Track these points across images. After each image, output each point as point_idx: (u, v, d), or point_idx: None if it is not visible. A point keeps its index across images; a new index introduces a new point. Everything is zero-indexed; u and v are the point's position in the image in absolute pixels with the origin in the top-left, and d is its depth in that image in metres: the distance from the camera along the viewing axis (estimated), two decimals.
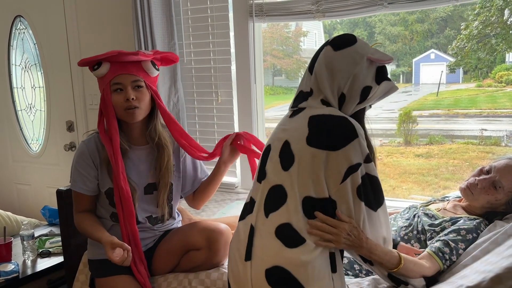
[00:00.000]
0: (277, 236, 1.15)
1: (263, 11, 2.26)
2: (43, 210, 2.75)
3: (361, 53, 1.21)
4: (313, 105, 1.22)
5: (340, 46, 1.21)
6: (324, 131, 1.14)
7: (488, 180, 1.49)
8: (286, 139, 1.20)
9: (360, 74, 1.20)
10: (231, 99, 2.48)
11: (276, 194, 1.18)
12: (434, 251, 1.38)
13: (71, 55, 2.93)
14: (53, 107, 3.13)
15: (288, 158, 1.17)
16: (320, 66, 1.22)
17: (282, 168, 1.18)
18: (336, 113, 1.18)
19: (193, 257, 1.62)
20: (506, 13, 5.87)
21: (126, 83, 1.55)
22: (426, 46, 9.16)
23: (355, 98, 1.22)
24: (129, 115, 1.57)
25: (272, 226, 1.16)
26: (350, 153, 1.12)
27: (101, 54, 1.56)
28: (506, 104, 7.76)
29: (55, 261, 2.20)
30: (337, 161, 1.12)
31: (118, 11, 2.68)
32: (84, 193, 1.62)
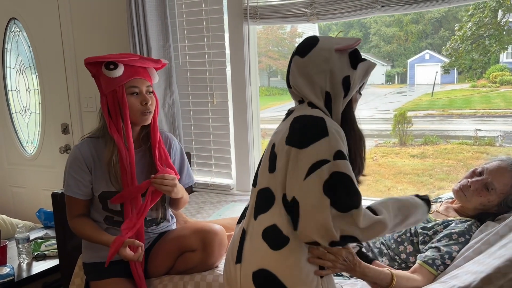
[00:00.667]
0: (264, 238, 1.15)
1: (258, 14, 2.27)
2: (38, 213, 2.75)
3: (328, 48, 1.20)
4: (301, 108, 1.23)
5: (305, 51, 1.22)
6: (298, 130, 1.15)
7: (481, 182, 1.50)
8: (273, 142, 1.21)
9: (335, 67, 1.19)
10: (226, 101, 2.49)
11: (264, 196, 1.19)
12: (425, 260, 1.41)
13: (66, 57, 2.93)
14: (48, 110, 3.13)
15: (273, 160, 1.18)
16: (294, 77, 1.23)
17: (268, 171, 1.19)
18: (316, 113, 1.17)
19: (188, 259, 1.63)
20: (499, 14, 5.92)
21: (142, 88, 1.59)
22: (421, 46, 9.22)
23: (340, 92, 1.20)
24: (143, 119, 1.60)
25: (260, 228, 1.16)
26: (315, 151, 1.09)
27: (115, 55, 1.57)
28: (500, 105, 7.81)
29: (50, 264, 2.20)
30: (303, 158, 1.10)
31: (113, 13, 2.69)
32: (79, 197, 1.62)
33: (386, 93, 9.36)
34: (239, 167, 2.50)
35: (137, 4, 2.37)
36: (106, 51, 2.70)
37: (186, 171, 1.81)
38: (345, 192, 1.07)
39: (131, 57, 1.58)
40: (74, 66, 2.91)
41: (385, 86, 9.72)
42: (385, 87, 9.67)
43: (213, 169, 2.60)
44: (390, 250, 1.56)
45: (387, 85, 9.83)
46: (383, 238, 1.59)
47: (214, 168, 2.60)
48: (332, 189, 1.06)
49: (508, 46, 6.79)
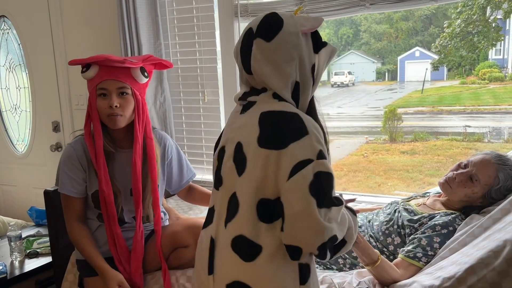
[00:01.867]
0: (233, 249, 1.05)
1: (248, 11, 2.29)
2: (30, 211, 2.74)
3: (295, 32, 1.07)
4: (264, 100, 1.08)
5: (271, 35, 1.06)
6: (274, 130, 1.03)
7: (465, 173, 1.55)
8: (238, 141, 1.08)
9: (304, 53, 1.08)
10: (218, 98, 2.51)
11: (232, 202, 1.08)
12: (406, 255, 1.45)
13: (56, 55, 2.93)
14: (39, 108, 3.12)
15: (241, 162, 1.06)
16: (259, 64, 1.07)
17: (237, 174, 1.07)
18: (288, 108, 1.05)
19: (181, 254, 1.65)
20: (487, 11, 5.98)
21: (111, 89, 1.56)
22: (411, 44, 9.27)
23: (309, 81, 1.10)
24: (111, 122, 1.58)
25: (229, 237, 1.06)
26: (298, 150, 1.00)
27: (92, 57, 1.56)
28: (489, 101, 7.90)
29: (43, 261, 2.20)
30: (286, 158, 1.00)
31: (103, 11, 2.69)
32: (74, 195, 1.63)
33: (376, 90, 9.41)
34: None
35: (128, 1, 2.37)
36: (97, 48, 2.71)
37: (186, 167, 1.84)
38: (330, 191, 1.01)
39: (99, 57, 1.55)
40: (65, 64, 2.90)
41: (376, 83, 9.77)
42: (376, 84, 9.72)
43: (204, 166, 2.61)
44: (378, 242, 1.59)
45: (378, 82, 9.88)
46: (371, 231, 1.62)
47: (206, 165, 2.62)
48: (317, 189, 0.98)
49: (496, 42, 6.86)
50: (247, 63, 1.10)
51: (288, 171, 0.99)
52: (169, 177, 1.80)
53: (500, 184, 1.50)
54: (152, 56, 1.69)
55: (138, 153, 1.61)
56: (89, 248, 1.61)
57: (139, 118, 1.61)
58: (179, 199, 2.37)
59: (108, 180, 1.59)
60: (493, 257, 1.17)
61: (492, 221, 1.32)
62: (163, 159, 1.75)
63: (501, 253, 1.16)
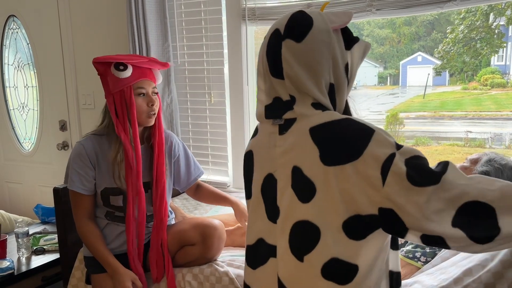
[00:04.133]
0: (326, 277, 0.95)
1: (256, 15, 2.32)
2: (36, 209, 2.77)
3: (325, 29, 0.99)
4: (305, 114, 0.99)
5: (301, 35, 0.98)
6: (337, 143, 0.93)
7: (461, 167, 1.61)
8: (294, 165, 0.98)
9: (337, 52, 1.00)
10: (224, 100, 2.54)
11: (304, 232, 0.97)
12: (405, 255, 1.48)
13: (65, 55, 2.96)
14: (46, 107, 3.15)
15: (305, 187, 0.96)
16: (291, 67, 0.98)
17: (300, 201, 0.97)
18: (336, 116, 0.97)
19: (188, 252, 1.68)
20: (491, 17, 6.00)
21: (148, 89, 1.63)
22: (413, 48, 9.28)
23: (344, 82, 1.02)
24: (148, 119, 1.65)
25: (315, 268, 0.96)
26: (376, 151, 0.90)
27: (123, 55, 1.61)
28: (491, 107, 7.90)
29: (49, 258, 2.24)
30: (367, 166, 0.90)
31: (112, 11, 2.72)
32: (83, 193, 1.65)
33: (378, 94, 9.41)
34: (235, 165, 2.55)
35: (137, 3, 2.41)
36: (105, 49, 2.74)
37: (193, 164, 1.87)
38: (428, 168, 0.91)
39: (140, 59, 1.63)
40: (73, 63, 2.94)
41: (378, 87, 9.78)
42: (378, 88, 9.73)
43: (210, 167, 2.64)
44: None
45: (380, 87, 9.88)
46: None
47: (211, 166, 2.65)
48: (416, 175, 0.88)
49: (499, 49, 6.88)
50: (276, 67, 1.01)
51: (378, 176, 0.89)
52: (177, 175, 1.83)
53: None
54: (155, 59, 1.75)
55: (162, 150, 1.68)
56: (100, 246, 1.63)
57: (159, 115, 1.69)
58: (184, 199, 2.40)
59: (140, 176, 1.62)
60: (489, 259, 1.19)
61: None
62: (170, 157, 1.78)
63: (497, 255, 1.18)
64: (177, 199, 2.44)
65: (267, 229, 1.05)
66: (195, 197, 1.95)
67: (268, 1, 2.32)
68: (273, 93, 1.04)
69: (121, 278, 1.58)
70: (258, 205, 1.08)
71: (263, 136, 1.08)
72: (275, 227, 1.03)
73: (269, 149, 1.05)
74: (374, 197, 0.90)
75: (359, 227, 0.93)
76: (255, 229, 1.09)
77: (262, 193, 1.07)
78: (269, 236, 1.04)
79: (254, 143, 1.13)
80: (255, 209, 1.09)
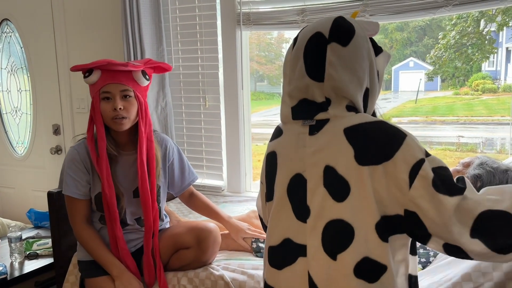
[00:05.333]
0: (358, 275, 0.97)
1: (251, 20, 2.34)
2: (29, 213, 2.75)
3: (364, 35, 1.04)
4: (339, 115, 1.02)
5: (347, 39, 1.02)
6: (371, 144, 0.96)
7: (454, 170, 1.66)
8: (326, 164, 1.00)
9: (373, 58, 1.05)
10: (219, 104, 2.55)
11: (338, 231, 0.98)
12: None
13: (59, 59, 2.96)
14: (40, 111, 3.14)
15: (339, 186, 0.98)
16: (335, 69, 1.01)
17: (335, 200, 0.99)
18: (370, 118, 1.00)
19: (183, 256, 1.68)
20: (482, 23, 6.08)
21: (115, 92, 1.58)
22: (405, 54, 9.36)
23: (376, 87, 1.07)
24: (116, 124, 1.60)
25: (348, 267, 0.97)
26: (407, 155, 0.94)
27: (93, 62, 1.59)
28: (482, 112, 7.98)
29: (42, 263, 2.22)
30: (396, 168, 0.94)
31: (107, 16, 2.73)
32: (78, 197, 1.65)
33: None
34: (230, 169, 2.56)
35: (132, 7, 2.42)
36: (99, 53, 2.75)
37: (187, 169, 1.86)
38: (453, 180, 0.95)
39: (101, 62, 1.57)
40: (67, 68, 2.93)
41: None
42: None
43: (204, 171, 2.65)
44: None
45: None
46: None
47: (206, 170, 2.65)
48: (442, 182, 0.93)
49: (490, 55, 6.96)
50: (315, 68, 1.03)
51: (406, 179, 0.93)
52: (171, 179, 1.82)
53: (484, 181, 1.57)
54: (152, 60, 1.72)
55: (144, 154, 1.63)
56: (102, 249, 1.63)
57: (143, 120, 1.63)
58: (179, 203, 2.40)
59: (111, 183, 1.61)
60: (491, 267, 1.20)
61: None
62: (164, 161, 1.78)
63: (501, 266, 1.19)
64: (172, 203, 2.43)
65: (295, 229, 1.05)
66: (188, 204, 1.94)
67: (262, 6, 2.34)
68: (301, 94, 1.06)
69: (130, 279, 1.58)
70: (283, 205, 1.08)
71: (290, 136, 1.09)
72: (304, 227, 1.03)
73: (298, 149, 1.06)
74: (400, 199, 0.94)
75: (389, 229, 0.97)
76: (280, 229, 1.08)
77: (288, 193, 1.07)
78: (298, 236, 1.04)
79: (278, 144, 1.13)
80: (280, 210, 1.09)
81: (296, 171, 1.05)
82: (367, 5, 2.03)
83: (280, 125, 1.16)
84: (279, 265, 1.08)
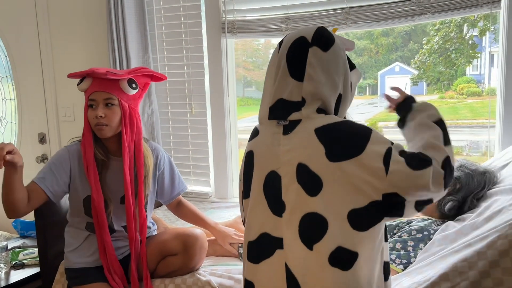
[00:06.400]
0: (332, 264, 1.04)
1: (235, 28, 2.37)
2: (15, 223, 2.73)
3: (342, 47, 1.15)
4: (310, 116, 1.10)
5: (328, 46, 1.12)
6: (341, 141, 1.05)
7: None
8: (299, 162, 1.07)
9: (347, 69, 1.15)
10: (205, 111, 2.57)
11: (313, 222, 1.05)
12: None
13: (44, 67, 2.94)
14: (25, 119, 3.12)
15: (312, 182, 1.05)
16: (314, 70, 1.10)
17: (308, 195, 1.06)
18: (337, 119, 1.10)
19: (170, 263, 1.68)
20: (465, 28, 6.19)
21: (98, 100, 1.61)
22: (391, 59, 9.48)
23: (348, 96, 1.17)
24: (98, 131, 1.63)
25: (324, 255, 1.04)
26: (377, 146, 1.04)
27: (86, 70, 1.63)
28: (467, 115, 8.10)
29: (28, 272, 2.20)
30: (370, 159, 1.02)
31: (92, 24, 2.73)
32: (47, 193, 1.61)
33: (357, 104, 9.55)
34: (217, 175, 2.57)
35: (117, 15, 2.43)
36: (85, 61, 2.75)
37: (178, 179, 1.87)
38: (418, 157, 1.05)
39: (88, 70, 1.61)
40: (52, 76, 2.92)
41: (357, 97, 9.91)
42: (357, 98, 9.86)
43: (192, 177, 2.66)
44: None
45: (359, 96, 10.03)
46: None
47: (193, 176, 2.66)
48: (414, 161, 1.02)
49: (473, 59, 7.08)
50: (296, 68, 1.12)
51: (382, 166, 1.02)
52: (160, 188, 1.83)
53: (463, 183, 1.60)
54: (145, 68, 1.73)
55: (127, 163, 1.64)
56: None
57: (126, 128, 1.64)
58: (166, 210, 2.40)
59: (99, 187, 1.62)
60: (467, 267, 1.24)
61: (470, 227, 1.40)
62: (154, 170, 1.78)
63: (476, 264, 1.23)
64: (159, 210, 2.44)
65: (272, 223, 1.11)
66: (176, 213, 1.94)
67: (247, 15, 2.37)
68: (279, 93, 1.14)
69: None
70: (259, 201, 1.14)
71: (265, 136, 1.17)
72: (280, 221, 1.09)
73: (273, 148, 1.13)
74: (378, 185, 1.02)
75: (363, 219, 1.04)
76: (257, 224, 1.14)
77: (264, 189, 1.13)
78: (274, 230, 1.10)
79: (255, 144, 1.20)
80: (256, 205, 1.15)
81: (271, 168, 1.12)
82: (349, 13, 2.07)
83: (257, 126, 1.23)
84: (257, 258, 1.14)
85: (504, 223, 1.25)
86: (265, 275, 1.12)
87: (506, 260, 1.20)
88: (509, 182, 1.54)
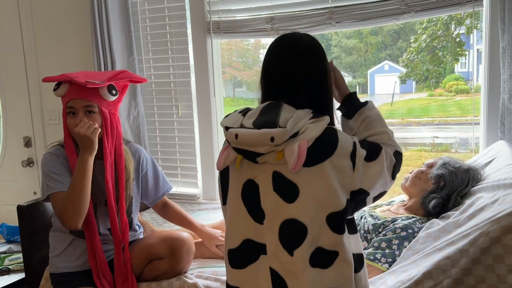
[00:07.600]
0: (313, 265, 1.07)
1: (221, 29, 2.36)
2: (1, 228, 2.71)
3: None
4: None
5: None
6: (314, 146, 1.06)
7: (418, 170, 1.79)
8: (273, 170, 1.09)
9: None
10: (192, 111, 2.55)
11: (292, 229, 1.07)
12: (367, 257, 1.54)
13: (28, 70, 2.91)
14: (10, 123, 3.08)
15: (288, 189, 1.07)
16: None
17: (286, 202, 1.07)
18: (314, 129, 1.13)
19: (156, 266, 1.67)
20: (452, 27, 6.24)
21: (78, 108, 1.58)
22: (380, 57, 9.52)
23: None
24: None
25: (304, 260, 1.07)
26: (345, 144, 1.08)
27: (62, 74, 1.59)
28: (456, 112, 8.16)
29: (14, 278, 2.18)
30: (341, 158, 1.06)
31: (76, 26, 2.71)
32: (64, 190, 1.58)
33: None
34: (205, 176, 2.56)
35: (101, 17, 2.41)
36: (70, 64, 2.72)
37: (162, 179, 1.86)
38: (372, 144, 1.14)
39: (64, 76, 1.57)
40: (37, 79, 2.89)
41: None
42: None
43: (179, 179, 2.64)
44: None
45: None
46: None
47: (180, 178, 2.65)
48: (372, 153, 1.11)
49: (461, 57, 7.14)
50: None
51: (350, 163, 1.07)
52: (145, 189, 1.82)
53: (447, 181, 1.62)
54: (127, 71, 1.71)
55: (109, 169, 1.63)
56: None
57: (108, 134, 1.63)
58: (153, 212, 2.38)
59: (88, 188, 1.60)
60: (449, 264, 1.25)
61: (453, 226, 1.41)
62: (137, 171, 1.77)
63: (458, 262, 1.24)
64: (146, 212, 2.42)
65: (254, 230, 1.13)
66: (161, 214, 1.93)
67: (232, 15, 2.36)
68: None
69: None
70: (239, 209, 1.15)
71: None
72: (262, 228, 1.11)
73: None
74: (348, 185, 1.07)
75: (342, 221, 1.08)
76: (239, 232, 1.16)
77: (243, 198, 1.14)
78: (257, 236, 1.12)
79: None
80: (237, 213, 1.16)
81: (248, 177, 1.13)
82: (333, 13, 2.07)
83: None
84: (243, 264, 1.15)
85: (485, 220, 1.26)
86: (252, 278, 1.14)
87: (487, 257, 1.21)
88: (492, 179, 1.55)
